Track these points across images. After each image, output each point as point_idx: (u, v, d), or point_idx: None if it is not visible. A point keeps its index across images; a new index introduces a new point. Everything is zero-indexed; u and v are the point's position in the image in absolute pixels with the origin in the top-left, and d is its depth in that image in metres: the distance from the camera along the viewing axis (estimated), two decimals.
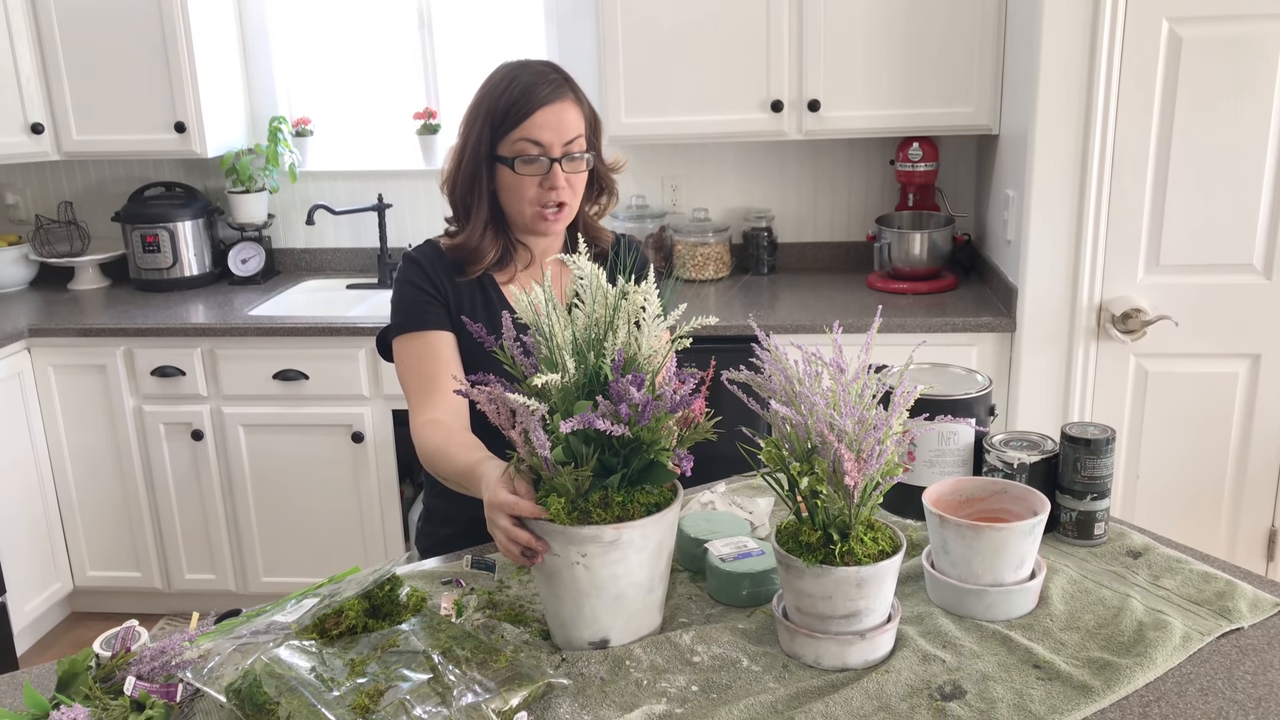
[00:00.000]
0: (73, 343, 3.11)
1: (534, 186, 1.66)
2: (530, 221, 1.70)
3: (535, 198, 1.67)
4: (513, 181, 1.67)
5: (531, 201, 1.67)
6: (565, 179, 1.66)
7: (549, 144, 1.64)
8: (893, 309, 2.93)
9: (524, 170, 1.65)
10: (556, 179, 1.65)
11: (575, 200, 1.71)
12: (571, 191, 1.68)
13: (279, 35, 3.55)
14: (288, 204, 3.65)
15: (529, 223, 1.71)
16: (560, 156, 1.65)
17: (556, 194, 1.66)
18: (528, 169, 1.65)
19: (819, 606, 1.21)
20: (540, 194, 1.66)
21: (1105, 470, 1.48)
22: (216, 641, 1.23)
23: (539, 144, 1.64)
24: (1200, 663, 1.22)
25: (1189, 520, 2.81)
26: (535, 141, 1.64)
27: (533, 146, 1.64)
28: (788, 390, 1.22)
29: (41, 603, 3.20)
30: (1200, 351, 2.70)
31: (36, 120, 3.26)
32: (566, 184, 1.67)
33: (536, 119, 1.64)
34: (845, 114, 3.03)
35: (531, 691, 1.15)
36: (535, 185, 1.66)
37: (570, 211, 1.71)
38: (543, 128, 1.64)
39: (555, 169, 1.65)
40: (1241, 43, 2.49)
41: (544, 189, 1.66)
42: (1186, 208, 2.61)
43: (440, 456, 1.53)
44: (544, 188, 1.66)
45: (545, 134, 1.64)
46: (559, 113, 1.65)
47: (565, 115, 1.65)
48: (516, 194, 1.68)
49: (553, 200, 1.66)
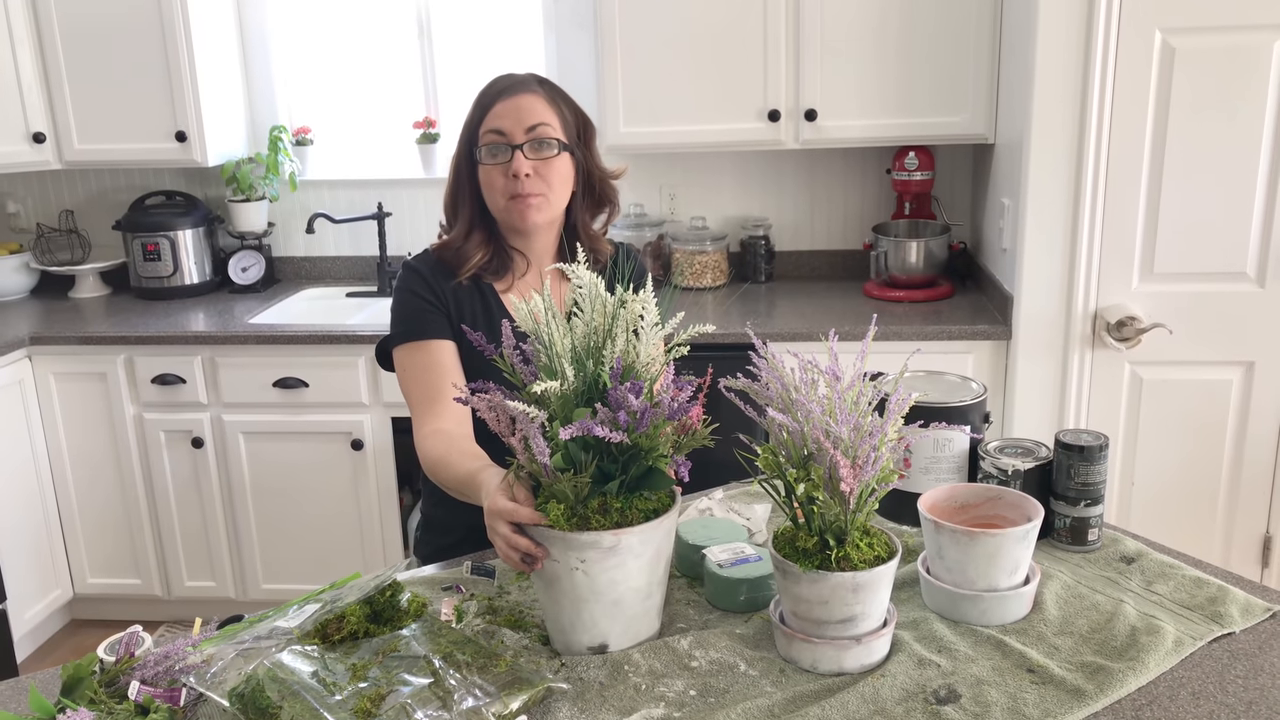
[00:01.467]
0: (73, 351, 3.12)
1: (501, 176, 1.68)
2: (505, 214, 1.71)
3: (504, 187, 1.68)
4: (485, 176, 1.70)
5: (502, 192, 1.69)
6: (532, 166, 1.67)
7: (509, 131, 1.67)
8: (889, 317, 2.95)
9: (489, 160, 1.69)
10: (519, 164, 1.66)
11: (552, 191, 1.70)
12: (542, 180, 1.69)
13: (279, 44, 3.57)
14: (288, 212, 3.66)
15: (505, 215, 1.72)
16: (522, 143, 1.67)
17: (521, 182, 1.66)
18: (493, 158, 1.69)
19: (815, 611, 1.22)
20: (508, 183, 1.68)
21: (1099, 477, 1.49)
22: (219, 646, 1.24)
23: (500, 132, 1.68)
24: (1192, 667, 1.23)
25: (1184, 527, 2.82)
26: (497, 130, 1.68)
27: (495, 136, 1.68)
28: (784, 397, 1.24)
29: (41, 610, 3.20)
30: (1194, 359, 2.72)
31: (38, 129, 3.28)
32: (535, 172, 1.67)
33: (496, 109, 1.69)
34: (842, 123, 3.04)
35: (531, 696, 1.16)
36: (502, 175, 1.68)
37: (548, 203, 1.71)
38: (502, 116, 1.68)
39: (517, 155, 1.66)
40: (1234, 53, 2.51)
41: (509, 177, 1.67)
42: (1180, 216, 2.63)
43: (442, 466, 1.54)
44: (509, 176, 1.67)
45: (505, 122, 1.67)
46: (519, 102, 1.68)
47: (526, 104, 1.68)
48: (489, 187, 1.70)
49: (521, 189, 1.67)
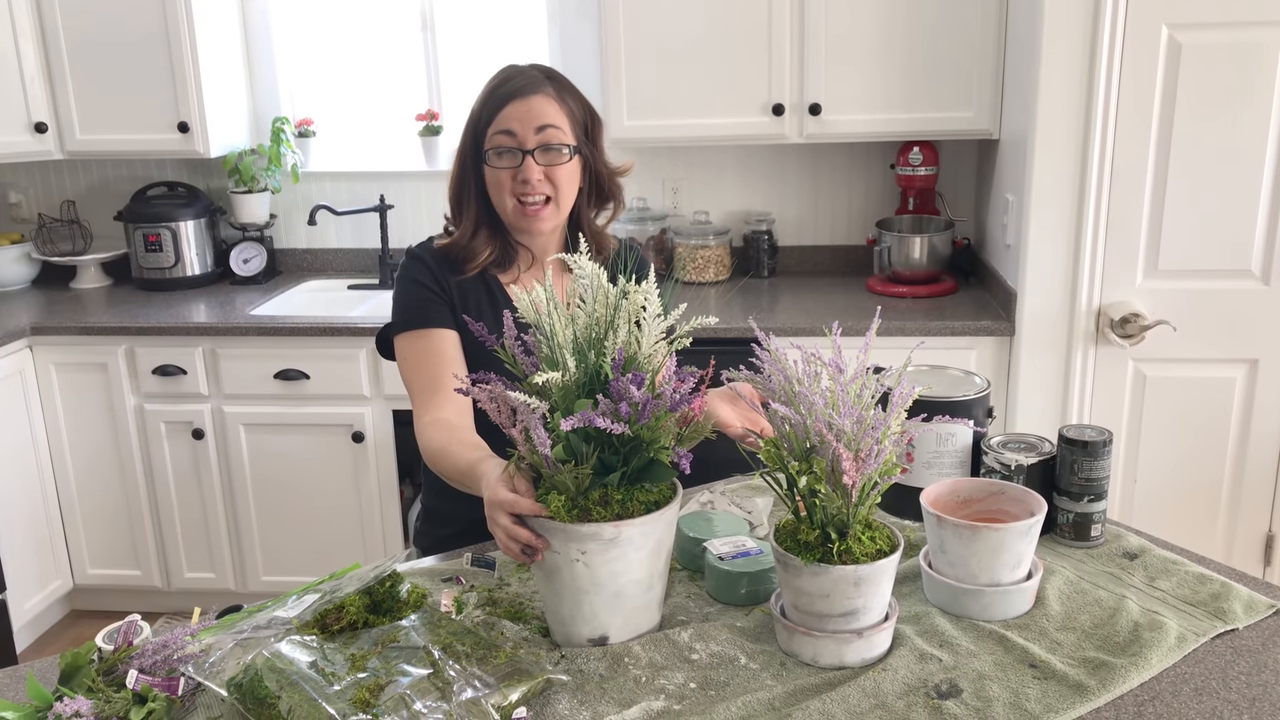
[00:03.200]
0: (74, 341, 3.12)
1: (510, 179, 1.66)
2: (513, 216, 1.69)
3: (513, 191, 1.66)
4: (491, 176, 1.68)
5: (510, 195, 1.67)
6: (542, 171, 1.65)
7: (520, 135, 1.64)
8: (892, 312, 2.94)
9: (498, 163, 1.66)
10: (530, 170, 1.64)
11: (561, 195, 1.68)
12: (552, 185, 1.67)
13: (282, 36, 3.56)
14: (290, 204, 3.66)
15: (512, 218, 1.70)
16: (533, 148, 1.64)
17: (531, 186, 1.65)
18: (501, 161, 1.66)
19: (817, 605, 1.22)
20: (516, 187, 1.66)
21: (1102, 472, 1.48)
22: (218, 636, 1.24)
23: (511, 134, 1.65)
24: (1195, 663, 1.23)
25: (1186, 524, 2.81)
26: (507, 132, 1.65)
27: (505, 138, 1.65)
28: (787, 390, 1.23)
29: (41, 600, 3.20)
30: (1198, 356, 2.71)
31: (40, 119, 3.27)
32: (545, 177, 1.66)
33: (507, 111, 1.65)
34: (846, 118, 3.04)
35: (531, 687, 1.16)
36: (510, 178, 1.66)
37: (557, 208, 1.69)
38: (512, 119, 1.65)
39: (528, 160, 1.64)
40: (1241, 49, 2.50)
41: (518, 181, 1.65)
42: (1185, 213, 2.62)
43: (443, 456, 1.54)
44: (518, 180, 1.65)
45: (515, 125, 1.64)
46: (530, 104, 1.65)
47: (537, 106, 1.65)
48: (497, 189, 1.68)
49: (529, 193, 1.65)
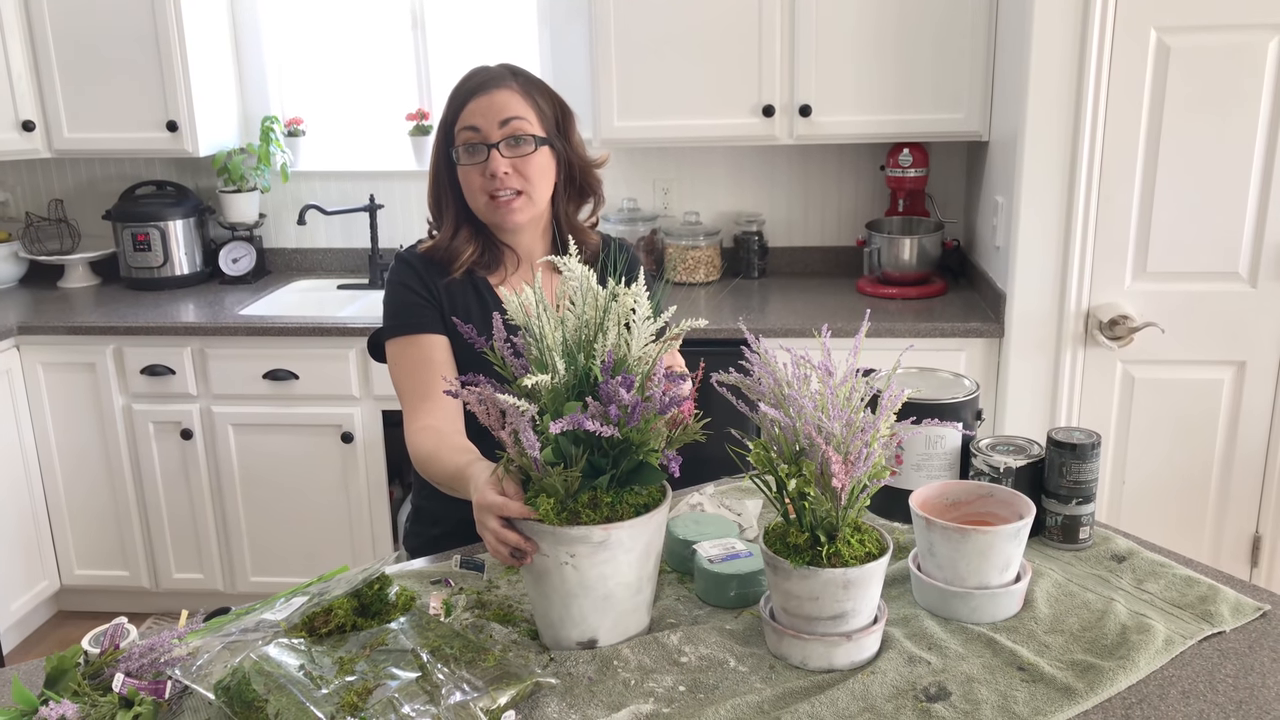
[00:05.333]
0: (62, 341, 3.10)
1: (479, 176, 1.66)
2: (486, 212, 1.69)
3: (482, 186, 1.66)
4: (463, 176, 1.68)
5: (481, 191, 1.67)
6: (510, 164, 1.65)
7: (484, 129, 1.64)
8: (882, 314, 2.94)
9: (467, 160, 1.66)
10: (495, 163, 1.64)
11: (533, 188, 1.68)
12: (522, 178, 1.66)
13: (272, 35, 3.55)
14: (279, 204, 3.65)
15: (486, 214, 1.69)
16: (497, 141, 1.64)
17: (499, 180, 1.64)
18: (470, 158, 1.66)
19: (806, 608, 1.22)
20: (485, 182, 1.65)
21: (1090, 475, 1.49)
22: (205, 639, 1.23)
23: (475, 130, 1.65)
24: (1182, 666, 1.23)
25: (1174, 526, 2.82)
26: (472, 128, 1.65)
27: (471, 134, 1.65)
28: (776, 393, 1.23)
29: (28, 601, 3.18)
30: (1186, 358, 2.72)
31: (27, 117, 3.25)
32: (514, 170, 1.65)
33: (471, 107, 1.65)
34: (836, 119, 3.04)
35: (519, 690, 1.15)
36: (480, 174, 1.66)
37: (530, 200, 1.68)
38: (476, 114, 1.65)
39: (493, 154, 1.64)
40: (1229, 52, 2.51)
41: (487, 177, 1.65)
42: (1174, 216, 2.63)
43: (432, 461, 1.53)
44: (487, 175, 1.65)
45: (479, 120, 1.64)
46: (493, 99, 1.65)
47: (500, 100, 1.65)
48: (468, 186, 1.68)
49: (498, 187, 1.65)
